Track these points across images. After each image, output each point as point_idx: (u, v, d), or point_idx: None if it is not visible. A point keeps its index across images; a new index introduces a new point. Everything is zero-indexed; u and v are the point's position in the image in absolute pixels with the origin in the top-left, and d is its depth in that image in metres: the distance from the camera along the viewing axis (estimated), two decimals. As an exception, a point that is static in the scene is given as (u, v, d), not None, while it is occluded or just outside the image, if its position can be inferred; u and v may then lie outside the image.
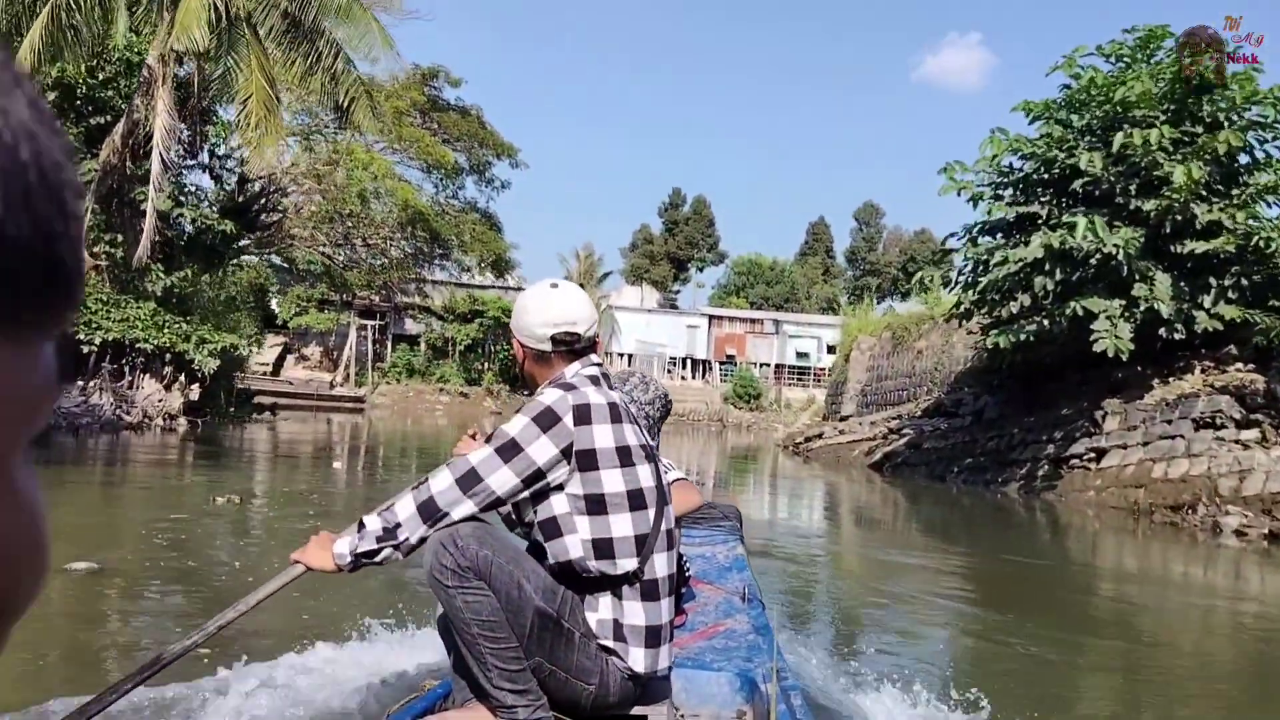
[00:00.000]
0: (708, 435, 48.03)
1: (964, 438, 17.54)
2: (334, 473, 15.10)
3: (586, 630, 2.28)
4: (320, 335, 56.24)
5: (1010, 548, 11.33)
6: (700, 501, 3.60)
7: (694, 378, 60.47)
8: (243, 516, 9.30)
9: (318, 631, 4.41)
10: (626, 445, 2.31)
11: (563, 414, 2.26)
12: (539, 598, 2.22)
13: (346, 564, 2.26)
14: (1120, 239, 12.69)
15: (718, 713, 2.67)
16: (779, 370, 60.11)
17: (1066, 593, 8.68)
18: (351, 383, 53.70)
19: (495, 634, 2.18)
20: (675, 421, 55.25)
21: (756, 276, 72.33)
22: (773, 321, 61.74)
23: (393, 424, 41.69)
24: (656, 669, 2.34)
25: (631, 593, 2.30)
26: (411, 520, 2.24)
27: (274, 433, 23.98)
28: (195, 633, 2.19)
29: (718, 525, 4.68)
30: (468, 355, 55.60)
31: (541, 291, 2.48)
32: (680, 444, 37.24)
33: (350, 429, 32.63)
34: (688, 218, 74.16)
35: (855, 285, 73.93)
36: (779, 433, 55.63)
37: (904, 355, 24.11)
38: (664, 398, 3.55)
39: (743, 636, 3.17)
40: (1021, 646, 6.09)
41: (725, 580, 3.85)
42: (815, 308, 68.47)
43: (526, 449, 2.24)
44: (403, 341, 56.69)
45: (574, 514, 2.28)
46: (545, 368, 2.44)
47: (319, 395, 50.93)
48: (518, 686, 2.20)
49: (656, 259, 73.70)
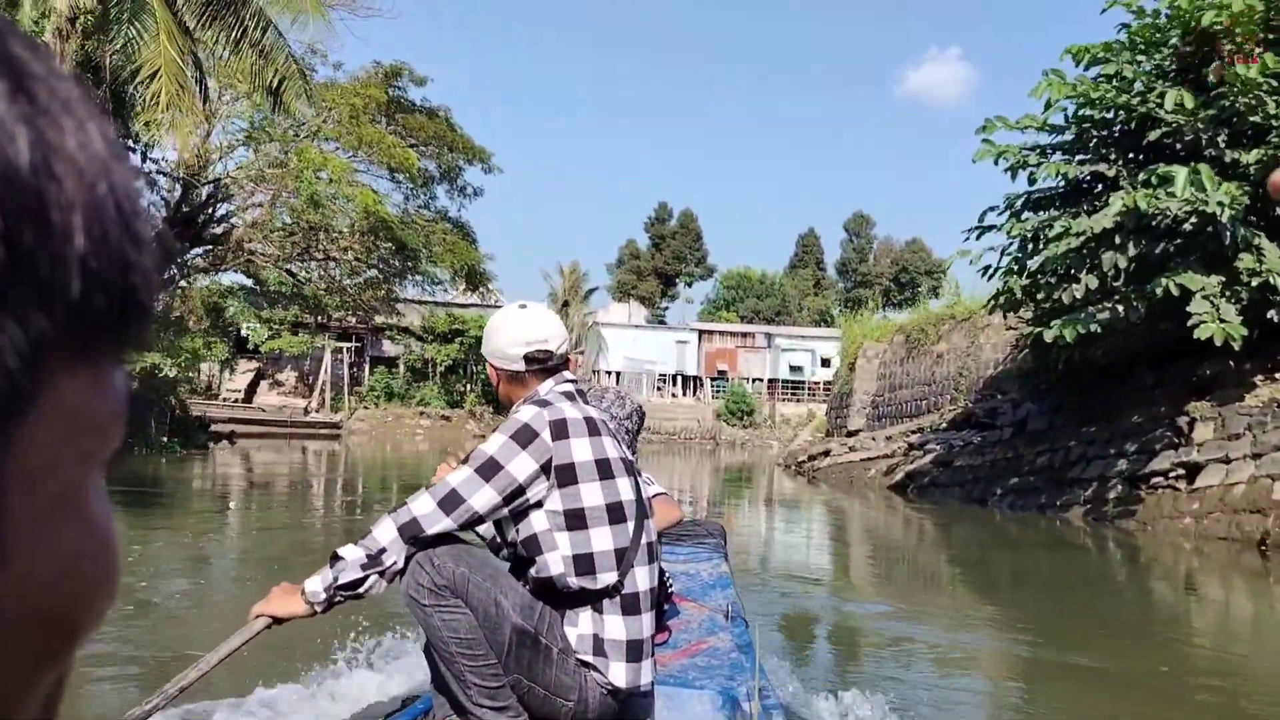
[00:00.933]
0: (700, 454, 45.08)
1: (1005, 453, 14.59)
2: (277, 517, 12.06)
3: (565, 646, 2.24)
4: (294, 360, 53.17)
5: (1077, 592, 8.51)
6: (680, 516, 3.49)
7: (684, 395, 57.44)
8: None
9: (283, 669, 3.97)
10: (605, 458, 2.28)
11: (540, 430, 2.23)
12: (516, 614, 2.18)
13: (320, 602, 2.18)
14: (1224, 195, 9.78)
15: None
16: (772, 385, 57.15)
17: (1153, 649, 6.01)
18: (327, 408, 50.58)
19: (473, 651, 2.16)
20: (667, 440, 52.38)
21: (746, 290, 69.55)
22: (764, 335, 58.82)
23: (371, 451, 38.74)
24: (639, 684, 2.29)
25: (612, 606, 2.26)
26: (395, 544, 2.18)
27: (218, 466, 20.84)
28: (155, 696, 2.01)
29: (702, 543, 4.61)
30: (449, 376, 52.53)
31: (511, 313, 2.45)
32: (672, 464, 34.56)
33: (325, 457, 29.91)
34: (675, 232, 71.39)
35: (847, 297, 71.21)
36: (774, 449, 52.84)
37: (921, 361, 21.21)
38: (639, 410, 3.33)
39: (725, 655, 3.09)
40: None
41: (709, 598, 3.77)
42: (808, 320, 65.62)
43: (506, 466, 2.21)
44: (380, 364, 53.62)
45: (554, 530, 2.24)
46: (520, 387, 2.40)
47: (292, 422, 47.91)
48: (497, 703, 2.18)
49: (644, 275, 70.85)
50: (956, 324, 19.82)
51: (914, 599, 8.39)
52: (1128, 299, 11.13)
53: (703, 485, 22.68)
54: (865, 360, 24.73)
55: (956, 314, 19.88)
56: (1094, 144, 12.16)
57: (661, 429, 52.62)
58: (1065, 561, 10.44)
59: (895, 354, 22.80)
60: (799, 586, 8.43)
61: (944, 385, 19.75)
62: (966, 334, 19.29)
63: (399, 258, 29.88)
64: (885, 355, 23.47)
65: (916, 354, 21.43)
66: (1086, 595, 8.44)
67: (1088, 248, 11.30)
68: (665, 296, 71.57)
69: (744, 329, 59.92)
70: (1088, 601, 8.10)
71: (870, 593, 8.76)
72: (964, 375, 18.89)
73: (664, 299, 71.33)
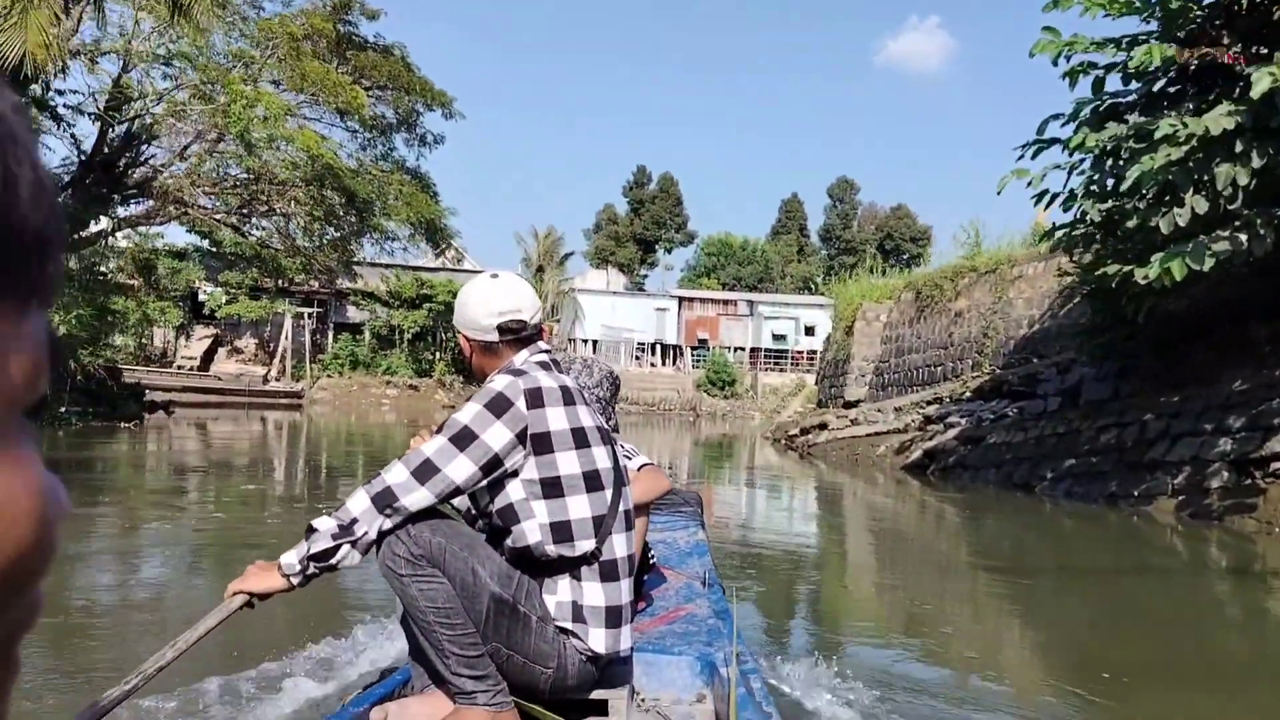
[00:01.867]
0: (680, 425, 42.25)
1: (1055, 428, 11.71)
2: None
3: (544, 614, 2.20)
4: (254, 326, 49.81)
5: (1168, 610, 5.93)
6: (669, 487, 3.33)
7: (664, 364, 54.48)
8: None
9: (258, 650, 3.77)
10: (581, 427, 2.22)
11: (515, 399, 2.16)
12: (494, 583, 2.12)
13: (295, 574, 2.10)
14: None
15: (678, 696, 2.59)
16: (755, 354, 54.30)
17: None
18: (288, 377, 47.32)
19: (451, 621, 2.10)
20: (645, 412, 49.52)
21: (728, 257, 66.54)
22: (747, 303, 55.87)
23: (334, 422, 35.88)
24: (618, 650, 2.27)
25: (590, 573, 2.22)
26: (368, 514, 2.11)
27: (146, 442, 17.66)
28: (133, 676, 1.91)
29: (679, 511, 4.60)
30: (416, 344, 49.32)
31: (483, 283, 2.37)
32: (651, 436, 32.54)
33: (286, 428, 27.05)
34: (654, 196, 68.15)
35: (830, 264, 68.34)
36: (756, 420, 50.07)
37: (935, 321, 18.31)
38: (610, 376, 3.26)
39: (703, 621, 3.06)
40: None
41: (686, 565, 3.75)
42: (791, 287, 62.74)
43: (481, 436, 2.14)
44: (345, 331, 50.30)
45: (530, 499, 2.20)
46: (494, 358, 2.33)
47: (251, 391, 44.76)
48: (476, 672, 2.13)
49: (622, 240, 67.67)
50: (979, 277, 16.91)
51: (926, 593, 6.46)
52: (1251, 224, 8.21)
53: (684, 460, 19.80)
54: (865, 323, 21.82)
55: (978, 266, 16.94)
56: (1193, 30, 9.15)
57: (640, 399, 49.67)
58: (1142, 564, 7.71)
59: (903, 314, 19.87)
60: (791, 582, 6.83)
61: (964, 348, 16.88)
62: (992, 288, 16.41)
63: (349, 210, 26.64)
64: (891, 316, 20.55)
65: (930, 313, 18.52)
66: (1193, 615, 5.62)
67: (1194, 159, 8.36)
68: (644, 264, 68.45)
69: (726, 296, 56.91)
70: (1194, 621, 5.31)
71: (872, 592, 6.68)
72: (990, 336, 16.01)
73: (643, 266, 68.22)
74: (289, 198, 25.85)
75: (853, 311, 22.83)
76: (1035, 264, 15.19)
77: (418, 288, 48.06)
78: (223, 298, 47.32)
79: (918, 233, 68.06)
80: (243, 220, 28.97)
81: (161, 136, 23.94)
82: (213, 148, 25.19)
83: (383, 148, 29.38)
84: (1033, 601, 6.55)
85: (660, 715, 2.50)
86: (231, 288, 47.39)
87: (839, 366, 23.08)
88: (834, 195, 71.09)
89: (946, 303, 17.81)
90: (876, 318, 21.72)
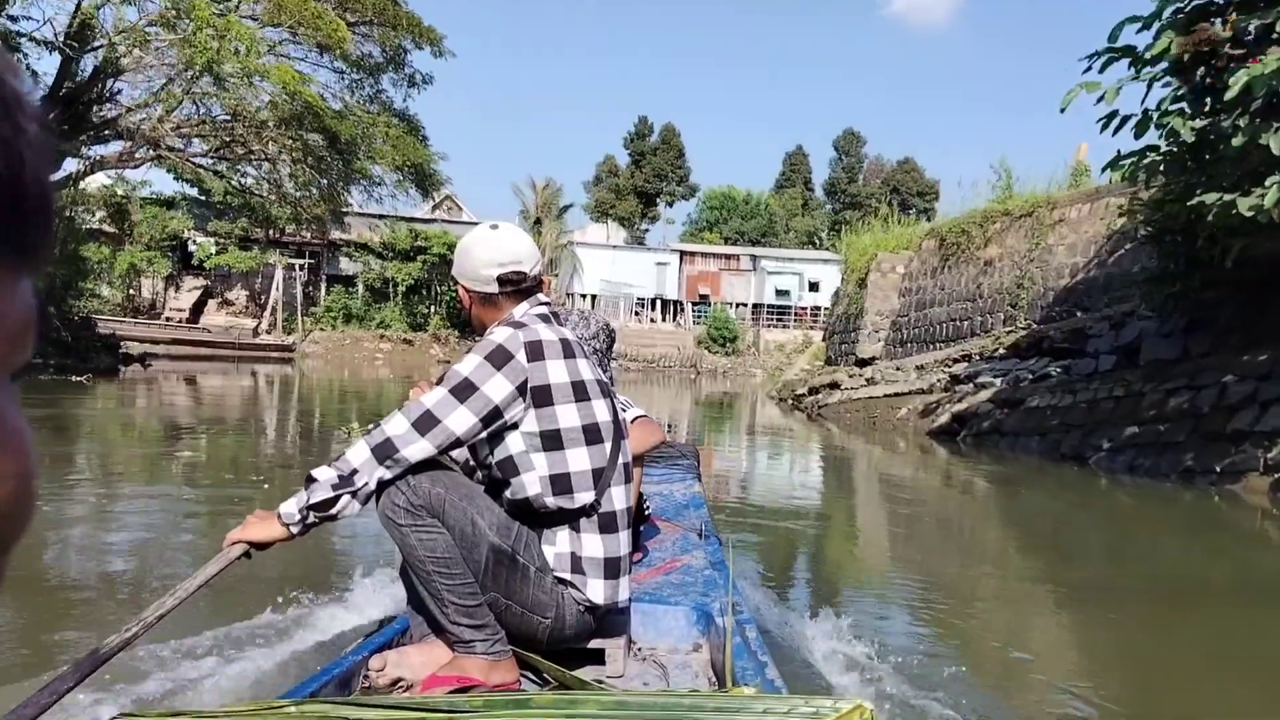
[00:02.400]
0: (680, 383, 40.76)
1: (1111, 391, 10.15)
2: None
3: (543, 564, 2.19)
4: (245, 278, 48.08)
5: (1263, 619, 4.64)
6: (663, 438, 3.24)
7: (664, 320, 52.84)
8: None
9: (255, 601, 3.68)
10: (581, 380, 2.20)
11: (515, 351, 2.14)
12: (493, 534, 2.12)
13: (295, 523, 2.07)
14: None
15: (674, 646, 2.58)
16: (757, 311, 52.62)
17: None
18: (279, 330, 45.74)
19: (450, 570, 2.09)
20: (645, 368, 48.01)
21: (730, 210, 64.59)
22: (749, 257, 54.07)
23: (326, 375, 34.48)
24: (616, 600, 2.26)
25: (589, 525, 2.21)
26: (368, 465, 2.08)
27: (103, 398, 16.10)
28: (134, 623, 1.87)
29: (675, 464, 4.58)
30: (411, 297, 47.62)
31: (483, 233, 2.33)
32: (650, 393, 31.08)
33: (278, 382, 25.45)
34: (655, 148, 66.01)
35: (835, 219, 66.43)
36: (758, 378, 48.56)
37: (961, 271, 16.69)
38: (606, 328, 3.25)
39: (699, 572, 3.04)
40: None
41: (682, 517, 3.74)
42: (795, 242, 60.89)
43: (482, 387, 2.11)
44: (337, 283, 48.57)
45: (530, 451, 2.17)
46: (493, 310, 2.30)
47: (240, 344, 43.22)
48: (474, 621, 2.13)
49: (623, 193, 65.68)
50: (1012, 222, 15.26)
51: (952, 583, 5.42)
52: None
53: (683, 420, 18.31)
54: (880, 275, 20.17)
55: (1011, 209, 15.25)
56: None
57: (640, 356, 48.13)
58: (1221, 550, 6.43)
59: (925, 264, 18.23)
60: (792, 541, 6.26)
61: (995, 300, 15.28)
62: (1028, 234, 14.77)
63: (331, 153, 24.88)
64: (911, 267, 18.90)
65: (955, 262, 16.88)
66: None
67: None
68: (645, 218, 66.53)
69: (728, 250, 55.09)
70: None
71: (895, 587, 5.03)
72: (1025, 287, 14.41)
73: (644, 220, 66.31)
74: (267, 139, 24.10)
75: (866, 263, 21.17)
76: (1079, 206, 13.54)
77: (412, 239, 46.31)
78: (212, 247, 45.60)
79: (925, 186, 66.08)
80: (220, 163, 27.26)
81: (129, 72, 22.16)
82: (189, 86, 23.43)
83: (370, 89, 27.60)
84: (1077, 586, 5.26)
85: (656, 664, 2.49)
86: (221, 237, 45.66)
87: (850, 322, 21.48)
88: (840, 148, 68.98)
89: (975, 251, 16.17)
90: (893, 269, 20.08)
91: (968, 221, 16.58)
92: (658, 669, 2.45)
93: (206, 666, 3.07)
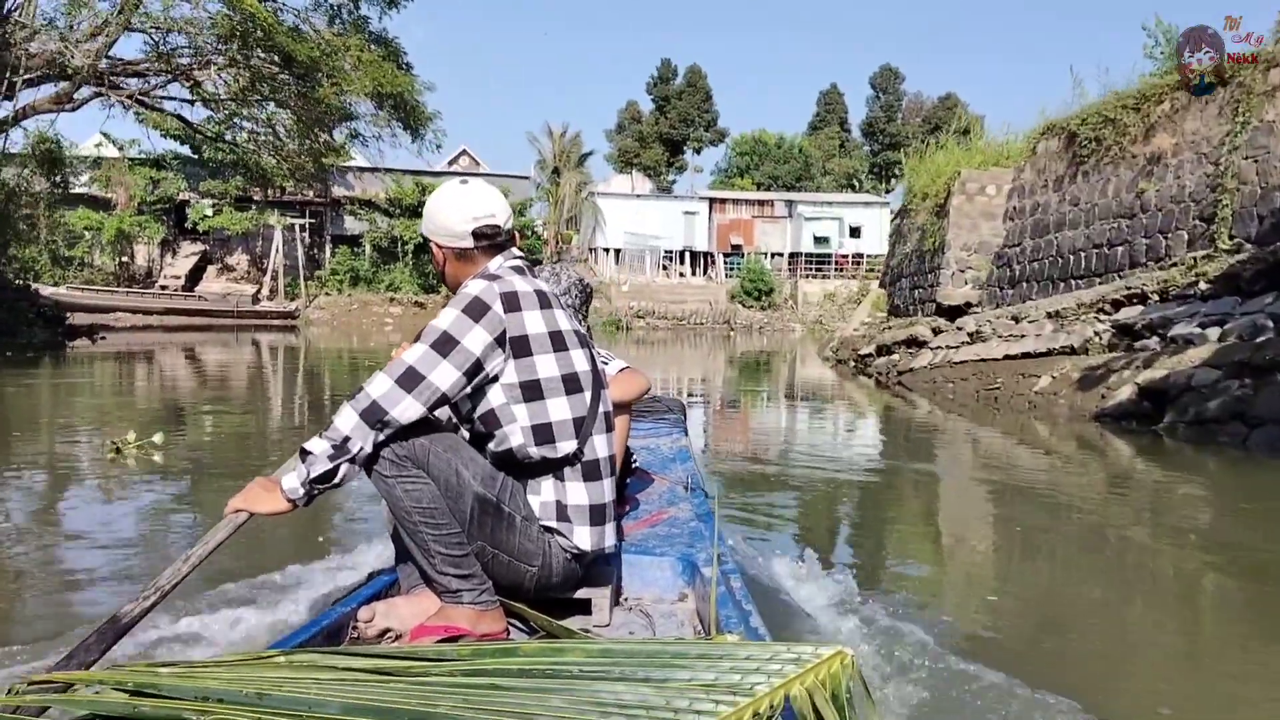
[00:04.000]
0: (712, 342, 36.19)
1: None
2: None
3: (529, 514, 2.15)
4: (245, 241, 43.82)
5: None
6: (648, 385, 3.14)
7: (694, 274, 47.98)
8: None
9: (247, 563, 3.60)
10: (558, 330, 2.14)
11: (491, 302, 2.06)
12: (477, 483, 2.06)
13: (300, 497, 2.00)
14: None
15: (660, 596, 2.53)
16: (794, 260, 47.66)
17: None
18: (281, 295, 41.50)
19: (436, 520, 2.05)
20: (674, 326, 43.34)
21: (762, 156, 59.30)
22: (784, 203, 48.97)
23: (332, 344, 30.62)
24: (603, 547, 2.23)
25: (573, 474, 2.17)
26: (358, 429, 1.98)
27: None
28: (150, 591, 1.82)
29: (662, 418, 4.57)
30: (421, 256, 43.05)
31: (454, 189, 2.25)
32: (680, 355, 26.62)
33: (282, 352, 22.28)
34: (681, 92, 60.75)
35: (874, 161, 60.94)
36: (797, 333, 43.78)
37: (1105, 177, 11.86)
38: (580, 284, 3.09)
39: (685, 524, 2.97)
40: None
41: (669, 470, 3.67)
42: (833, 185, 55.54)
43: (462, 341, 2.03)
44: (343, 243, 44.11)
45: (511, 404, 2.12)
46: (468, 265, 2.21)
47: (239, 312, 39.20)
48: (462, 571, 2.09)
49: (647, 141, 60.62)
50: (1190, 100, 10.35)
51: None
52: None
53: (716, 390, 13.89)
54: (965, 198, 15.33)
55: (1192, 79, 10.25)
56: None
57: (668, 313, 43.41)
58: None
59: (1043, 175, 13.34)
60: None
61: (1172, 213, 10.47)
62: (1221, 112, 9.91)
63: (289, 76, 20.30)
64: (1021, 180, 13.99)
65: (1096, 166, 12.02)
66: None
67: None
68: (671, 168, 61.46)
69: (761, 196, 50.03)
70: None
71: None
72: (1228, 189, 9.54)
73: (670, 170, 61.23)
74: (204, 60, 19.57)
75: (944, 185, 16.28)
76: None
77: (419, 193, 41.68)
78: (208, 209, 41.29)
79: (969, 124, 60.25)
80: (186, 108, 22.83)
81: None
82: (123, 6, 18.98)
83: (349, 15, 22.90)
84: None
85: (642, 613, 2.43)
86: (215, 198, 41.36)
87: (925, 261, 16.67)
88: (877, 85, 63.28)
89: (1129, 147, 11.30)
90: (981, 190, 15.21)
91: (1115, 106, 11.61)
92: (643, 618, 2.40)
93: (198, 620, 3.00)
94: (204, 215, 41.02)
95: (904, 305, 17.58)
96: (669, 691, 1.33)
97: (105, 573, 3.75)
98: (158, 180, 41.60)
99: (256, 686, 1.37)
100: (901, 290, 18.28)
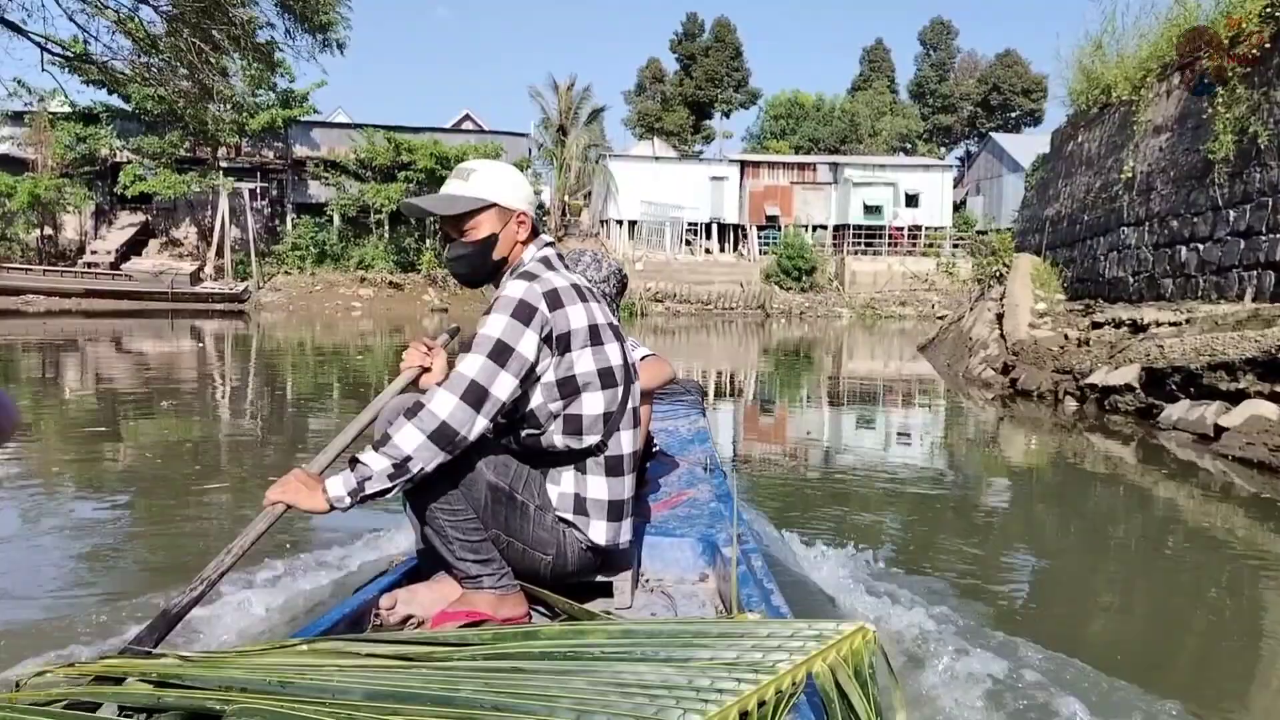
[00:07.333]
0: (745, 330, 27.76)
1: None
2: None
3: (543, 503, 2.08)
4: (193, 210, 35.69)
5: None
6: (672, 373, 3.08)
7: (723, 250, 39.26)
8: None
9: (270, 546, 3.51)
10: (596, 324, 2.05)
11: (537, 304, 1.96)
12: (489, 472, 2.00)
13: (345, 507, 1.90)
14: None
15: (681, 576, 2.50)
16: (839, 234, 38.80)
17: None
18: (229, 274, 33.38)
19: (453, 507, 2.00)
20: (700, 311, 34.66)
21: (799, 119, 50.24)
22: (828, 167, 40.03)
23: (284, 334, 22.79)
24: (618, 542, 2.17)
25: (596, 466, 2.10)
26: (424, 449, 1.87)
27: None
28: (197, 582, 1.81)
29: (680, 400, 4.45)
30: (397, 229, 34.69)
31: (503, 164, 2.13)
32: (708, 345, 21.40)
33: (231, 342, 18.04)
34: (708, 48, 51.81)
35: (924, 127, 51.65)
36: (844, 319, 35.13)
37: None
38: (618, 273, 2.95)
39: (705, 504, 2.92)
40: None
41: (688, 452, 3.61)
42: (884, 148, 46.39)
43: (517, 348, 1.94)
44: (306, 212, 35.80)
45: (548, 401, 2.03)
46: (519, 249, 2.10)
47: (175, 294, 31.11)
48: (480, 556, 2.04)
49: (670, 104, 51.79)
50: None
51: None
52: None
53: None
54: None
55: None
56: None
57: (692, 296, 34.78)
58: None
59: None
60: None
61: None
62: None
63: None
64: None
65: None
66: None
67: None
68: (698, 134, 52.60)
69: (801, 160, 41.07)
70: None
71: None
72: None
73: (696, 136, 52.34)
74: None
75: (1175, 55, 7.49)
76: None
77: (393, 152, 33.22)
78: (141, 171, 33.12)
79: (1031, 84, 51.01)
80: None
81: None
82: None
83: None
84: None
85: (664, 594, 2.40)
86: (153, 158, 33.27)
87: (1205, 189, 7.96)
88: (926, 42, 54.05)
89: None
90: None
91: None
92: (665, 599, 2.37)
93: (222, 610, 2.97)
94: (136, 178, 32.75)
95: (1091, 290, 8.82)
96: (691, 670, 1.31)
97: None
98: (84, 137, 33.43)
99: (280, 675, 1.36)
100: (1075, 268, 9.54)
